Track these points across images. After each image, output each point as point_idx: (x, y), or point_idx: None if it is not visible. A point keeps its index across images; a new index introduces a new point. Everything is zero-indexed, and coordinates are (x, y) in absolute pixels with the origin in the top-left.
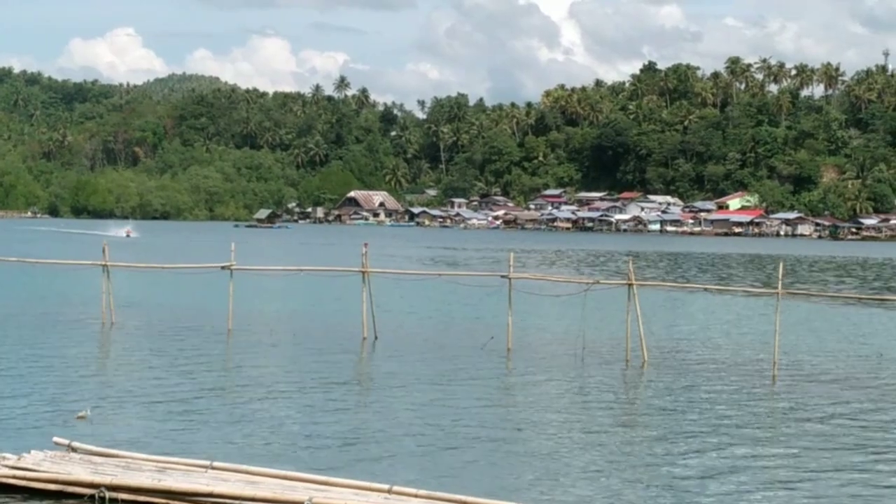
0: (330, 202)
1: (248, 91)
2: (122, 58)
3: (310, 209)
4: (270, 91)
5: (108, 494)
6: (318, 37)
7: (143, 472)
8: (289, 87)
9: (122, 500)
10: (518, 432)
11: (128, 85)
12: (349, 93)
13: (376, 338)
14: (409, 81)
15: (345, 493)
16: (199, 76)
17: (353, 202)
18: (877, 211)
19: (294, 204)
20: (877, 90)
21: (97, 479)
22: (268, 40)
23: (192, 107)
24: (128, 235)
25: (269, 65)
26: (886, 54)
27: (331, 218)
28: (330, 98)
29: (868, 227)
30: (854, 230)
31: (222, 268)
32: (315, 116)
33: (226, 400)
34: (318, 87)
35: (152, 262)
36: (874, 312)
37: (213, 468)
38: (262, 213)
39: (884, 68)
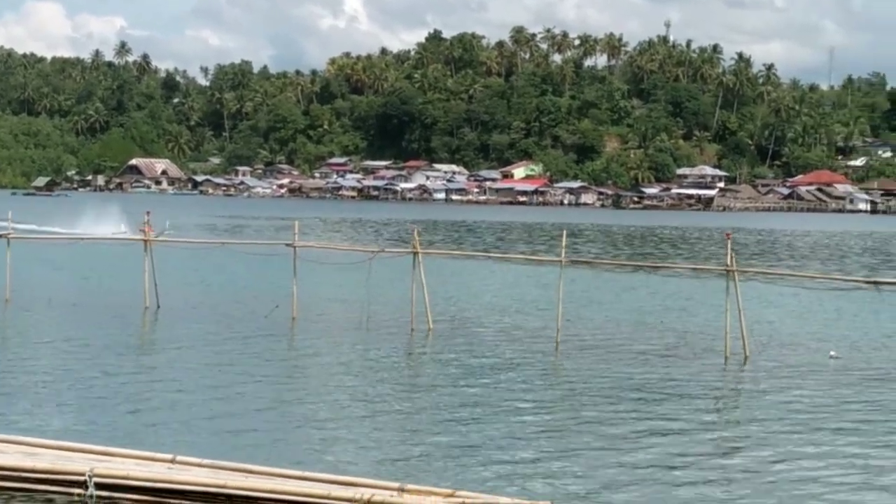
0: (111, 170)
1: (24, 56)
2: None
3: (90, 177)
4: (48, 56)
5: None
6: (93, 1)
7: None
8: (66, 53)
9: None
10: (301, 400)
11: None
12: (130, 59)
13: (158, 306)
14: (190, 48)
15: (127, 463)
16: None
17: (135, 170)
18: (658, 180)
19: (74, 172)
20: (658, 61)
21: None
22: (41, 3)
23: None
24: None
25: (44, 29)
26: (668, 25)
27: (112, 186)
28: (110, 64)
29: (650, 197)
30: (636, 199)
31: None
32: (95, 82)
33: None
34: (97, 53)
35: None
36: (654, 279)
37: None
38: (41, 181)
39: (665, 39)
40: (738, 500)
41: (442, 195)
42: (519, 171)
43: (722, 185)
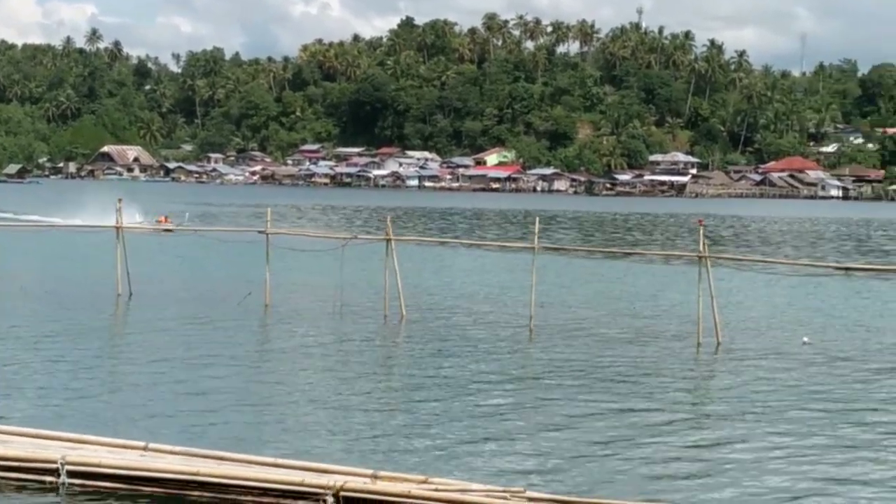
0: (82, 157)
1: None
2: None
3: (61, 164)
4: (19, 43)
5: None
6: None
7: None
8: (37, 39)
9: None
10: (274, 387)
11: None
12: (101, 46)
13: (131, 294)
14: (162, 35)
15: (100, 451)
16: None
17: (107, 157)
18: (631, 167)
19: (45, 159)
20: (631, 48)
21: None
22: None
23: None
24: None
25: (15, 15)
26: (640, 12)
27: (83, 173)
28: (81, 51)
29: (622, 183)
30: (609, 186)
31: None
32: (66, 69)
33: None
34: (69, 40)
35: None
36: (626, 265)
37: None
38: (12, 169)
39: (637, 26)
40: (704, 478)
41: (415, 182)
42: (492, 158)
43: (694, 171)
